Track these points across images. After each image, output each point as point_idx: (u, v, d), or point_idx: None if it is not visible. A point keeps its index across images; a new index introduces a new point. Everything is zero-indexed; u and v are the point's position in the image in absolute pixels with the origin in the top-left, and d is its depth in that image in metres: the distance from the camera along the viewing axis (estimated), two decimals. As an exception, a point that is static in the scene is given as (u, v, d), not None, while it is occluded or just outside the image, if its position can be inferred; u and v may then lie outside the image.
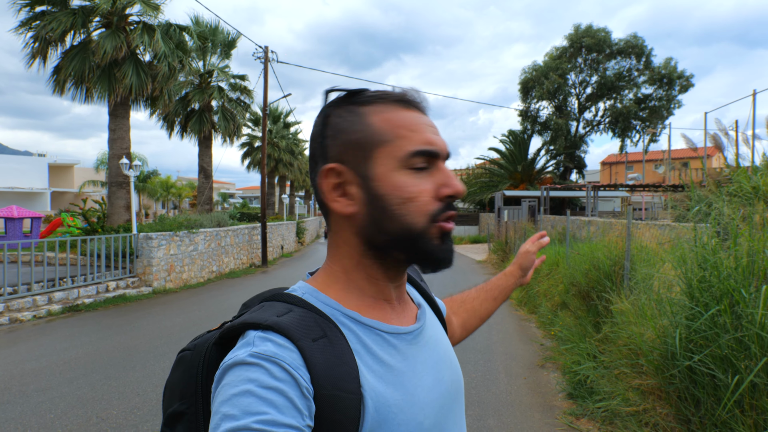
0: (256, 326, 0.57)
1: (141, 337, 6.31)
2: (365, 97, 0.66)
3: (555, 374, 4.79)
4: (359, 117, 0.65)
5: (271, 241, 17.61)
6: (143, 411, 3.94)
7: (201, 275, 11.90)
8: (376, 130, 0.64)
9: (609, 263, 5.16)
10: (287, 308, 0.61)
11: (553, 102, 28.56)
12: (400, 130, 0.63)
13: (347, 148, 0.64)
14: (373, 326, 0.64)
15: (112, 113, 12.31)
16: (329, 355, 0.57)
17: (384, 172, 0.63)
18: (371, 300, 0.67)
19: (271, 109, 28.79)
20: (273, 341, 0.55)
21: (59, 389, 4.42)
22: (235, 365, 0.53)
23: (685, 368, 2.59)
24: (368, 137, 0.64)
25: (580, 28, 27.44)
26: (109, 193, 12.52)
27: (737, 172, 4.30)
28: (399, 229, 0.63)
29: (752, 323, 2.27)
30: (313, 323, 0.59)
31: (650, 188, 19.20)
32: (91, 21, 12.00)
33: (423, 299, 0.80)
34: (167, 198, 34.98)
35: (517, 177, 27.69)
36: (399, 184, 0.62)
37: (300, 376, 0.53)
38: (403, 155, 0.62)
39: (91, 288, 8.86)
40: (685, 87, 26.59)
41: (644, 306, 3.44)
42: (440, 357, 0.70)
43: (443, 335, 0.76)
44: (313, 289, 0.66)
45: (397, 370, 0.62)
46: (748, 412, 2.22)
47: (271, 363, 0.53)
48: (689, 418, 2.60)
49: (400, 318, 0.69)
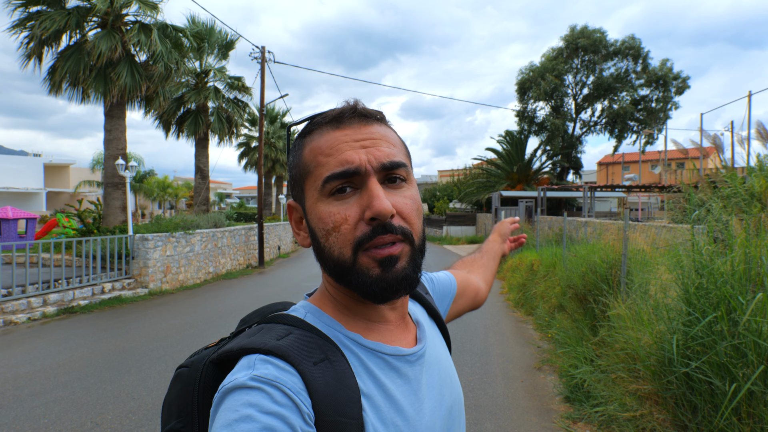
0: (256, 351, 0.56)
1: (137, 340, 6.28)
2: (307, 128, 0.65)
3: (552, 377, 4.79)
4: (299, 150, 0.65)
5: (268, 242, 17.57)
6: (138, 415, 3.91)
7: (197, 276, 11.86)
8: (304, 162, 0.63)
9: (605, 266, 5.16)
10: (287, 330, 0.60)
11: (550, 102, 28.61)
12: (318, 157, 0.61)
13: (293, 185, 0.66)
14: (375, 349, 0.62)
15: (108, 113, 12.26)
16: (330, 379, 0.56)
17: (311, 204, 0.62)
18: (370, 322, 0.65)
19: (268, 109, 28.74)
20: (274, 364, 0.54)
21: (53, 393, 4.38)
22: (236, 389, 0.52)
23: (682, 375, 2.59)
24: (300, 171, 0.64)
25: (576, 29, 27.49)
26: (105, 194, 12.47)
27: (731, 175, 4.31)
28: (332, 264, 0.60)
29: (749, 331, 2.27)
30: (314, 346, 0.58)
31: (646, 189, 19.25)
32: (86, 21, 11.94)
33: (427, 314, 0.79)
34: (164, 198, 34.86)
35: (514, 177, 27.71)
36: (321, 214, 0.60)
37: (301, 402, 0.52)
38: (320, 183, 0.60)
39: (86, 289, 8.81)
40: (682, 89, 26.67)
41: (641, 311, 3.44)
42: (442, 378, 0.69)
43: (444, 352, 0.75)
44: (315, 309, 0.65)
45: (399, 394, 0.61)
46: (746, 420, 2.22)
47: (272, 387, 0.51)
48: (686, 425, 2.60)
49: (401, 339, 0.67)
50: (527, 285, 8.66)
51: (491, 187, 27.81)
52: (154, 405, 4.11)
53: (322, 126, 0.63)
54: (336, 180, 0.59)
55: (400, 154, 0.63)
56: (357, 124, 0.62)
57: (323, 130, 0.63)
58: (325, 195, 0.60)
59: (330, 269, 0.62)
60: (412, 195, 0.63)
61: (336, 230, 0.59)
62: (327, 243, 0.60)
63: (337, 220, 0.59)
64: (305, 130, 0.65)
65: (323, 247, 0.61)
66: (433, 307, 0.81)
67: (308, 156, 0.63)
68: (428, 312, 0.80)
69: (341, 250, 0.59)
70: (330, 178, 0.59)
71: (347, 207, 0.59)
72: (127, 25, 12.30)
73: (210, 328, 6.98)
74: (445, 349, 0.76)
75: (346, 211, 0.59)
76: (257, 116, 25.93)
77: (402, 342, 0.67)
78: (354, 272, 0.59)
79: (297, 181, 0.65)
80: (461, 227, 27.97)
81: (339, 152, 0.60)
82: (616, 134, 28.17)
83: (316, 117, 0.66)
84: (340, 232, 0.59)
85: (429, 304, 0.81)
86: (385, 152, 0.61)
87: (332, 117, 0.63)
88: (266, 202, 27.78)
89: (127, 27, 12.20)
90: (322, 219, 0.60)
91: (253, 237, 15.79)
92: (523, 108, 29.09)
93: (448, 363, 0.74)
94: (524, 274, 9.32)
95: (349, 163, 0.59)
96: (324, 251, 0.61)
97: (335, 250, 0.59)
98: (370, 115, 0.64)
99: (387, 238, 0.58)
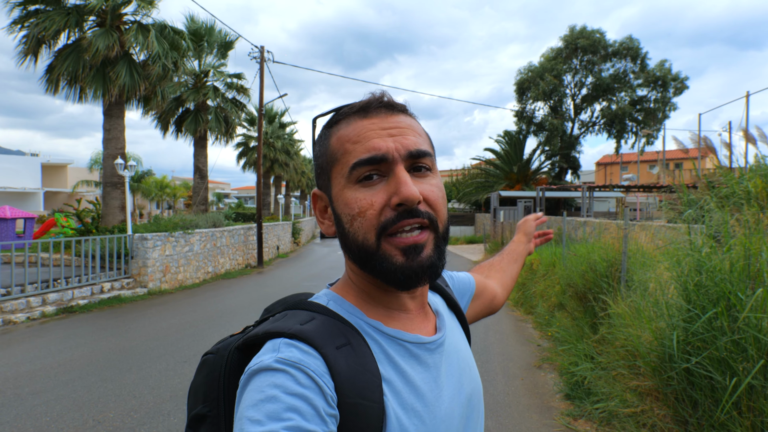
0: (280, 335, 0.58)
1: (136, 339, 6.27)
2: (333, 119, 0.67)
3: (552, 375, 4.81)
4: (326, 140, 0.66)
5: (267, 242, 17.57)
6: (140, 413, 3.92)
7: (196, 276, 11.85)
8: (331, 150, 0.64)
9: (605, 265, 5.18)
10: (310, 316, 0.61)
11: (549, 103, 28.67)
12: (345, 145, 0.62)
13: (319, 173, 0.67)
14: (396, 336, 0.63)
15: (107, 113, 12.24)
16: (353, 363, 0.57)
17: (338, 191, 0.63)
18: (390, 310, 0.66)
19: (267, 109, 28.72)
20: (298, 348, 0.55)
21: (54, 392, 4.38)
22: (261, 371, 0.53)
23: (683, 370, 2.61)
24: (327, 160, 0.65)
25: (575, 30, 27.56)
26: (104, 194, 12.45)
27: (727, 176, 4.34)
28: (357, 249, 0.61)
29: (749, 326, 2.29)
30: (336, 331, 0.59)
31: (645, 189, 19.31)
32: (85, 20, 11.92)
33: (447, 306, 0.80)
34: (162, 198, 34.81)
35: (513, 177, 27.76)
36: (347, 200, 0.61)
37: (324, 384, 0.53)
38: (348, 170, 0.61)
39: (85, 289, 8.80)
40: (680, 89, 26.75)
41: (641, 308, 3.46)
42: (461, 367, 0.70)
43: (464, 343, 0.76)
44: (337, 297, 0.67)
45: (419, 380, 0.62)
46: (746, 413, 2.24)
47: (296, 369, 0.53)
48: (687, 420, 2.62)
49: (420, 328, 0.68)
50: (527, 284, 8.68)
51: (490, 187, 27.85)
52: (156, 403, 4.12)
53: (349, 116, 0.64)
54: (363, 166, 0.60)
55: (425, 144, 0.64)
56: (384, 113, 0.64)
57: (350, 119, 0.64)
58: (352, 181, 0.61)
59: (354, 255, 0.62)
60: (437, 183, 0.64)
61: (361, 215, 0.60)
62: (352, 228, 0.61)
63: (363, 205, 0.60)
64: (332, 121, 0.67)
65: (348, 232, 0.61)
66: (453, 299, 0.82)
67: (335, 144, 0.64)
68: (448, 303, 0.81)
69: (365, 235, 0.60)
70: (357, 164, 0.60)
71: (374, 193, 0.60)
72: (125, 24, 12.29)
73: (210, 327, 6.98)
74: (464, 340, 0.77)
75: (372, 197, 0.60)
76: (255, 116, 25.94)
77: (422, 330, 0.68)
78: (377, 258, 0.60)
79: (323, 170, 0.66)
80: (460, 227, 28.00)
81: (366, 139, 0.61)
82: (614, 134, 28.25)
83: (342, 108, 0.67)
84: (366, 217, 0.59)
85: (449, 296, 0.82)
86: (412, 141, 0.62)
87: (359, 107, 0.65)
88: (265, 202, 27.75)
89: (126, 26, 12.19)
90: (348, 204, 0.61)
91: (252, 237, 15.78)
92: (522, 108, 29.14)
93: (467, 353, 0.75)
94: (523, 274, 9.34)
95: (376, 150, 0.60)
96: (348, 237, 0.62)
97: (360, 235, 0.60)
98: (396, 105, 0.66)
99: (412, 221, 0.59)
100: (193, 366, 5.12)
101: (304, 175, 39.68)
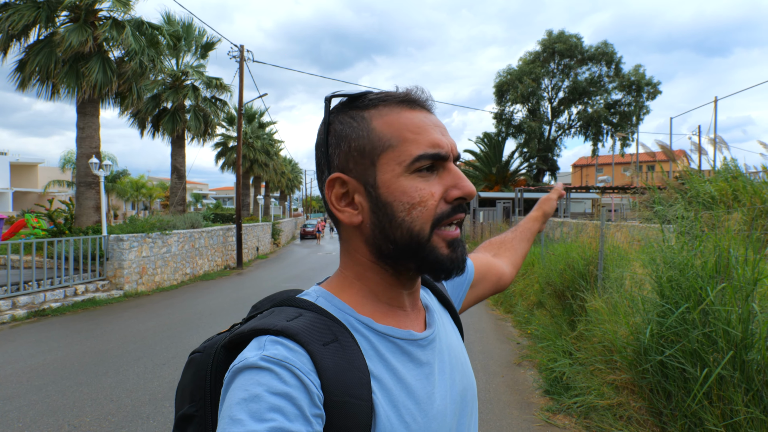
0: (266, 332, 0.56)
1: (113, 342, 6.13)
2: (368, 101, 0.64)
3: (532, 372, 4.90)
4: (362, 122, 0.63)
5: (247, 243, 17.37)
6: (118, 417, 3.84)
7: (174, 278, 11.64)
8: (379, 135, 0.62)
9: (583, 263, 5.31)
10: (297, 312, 0.60)
11: (527, 105, 29.18)
12: (404, 133, 0.61)
13: (351, 156, 0.63)
14: (386, 333, 0.62)
15: (81, 111, 11.92)
16: (340, 360, 0.56)
17: (390, 178, 0.61)
18: (385, 306, 0.66)
19: (246, 108, 28.40)
20: (284, 345, 0.54)
21: (27, 397, 4.25)
22: (246, 368, 0.52)
23: (657, 363, 2.70)
24: (372, 143, 0.62)
25: (553, 34, 28.12)
26: (78, 194, 12.11)
27: (692, 180, 4.52)
28: (406, 238, 0.61)
29: (719, 319, 2.39)
30: (324, 327, 0.58)
31: (619, 190, 19.80)
32: (57, 15, 11.59)
33: (437, 301, 0.79)
34: (137, 199, 34.04)
35: (492, 179, 28.12)
36: (406, 189, 0.60)
37: (311, 382, 0.52)
38: (409, 159, 0.60)
39: (58, 292, 8.55)
40: (653, 94, 27.57)
41: (617, 304, 3.56)
42: (453, 364, 0.70)
43: (456, 339, 0.75)
44: (327, 293, 0.66)
45: (411, 377, 0.61)
46: (716, 402, 2.34)
47: (281, 367, 0.52)
48: (661, 411, 2.71)
49: (413, 324, 0.67)
50: (506, 283, 8.81)
51: (469, 188, 28.09)
52: (134, 407, 4.04)
53: (392, 103, 0.63)
54: (427, 159, 0.61)
55: None
56: (425, 110, 0.65)
57: (395, 107, 0.63)
58: (410, 171, 0.61)
59: (400, 245, 0.62)
60: None
61: (422, 204, 0.60)
62: (409, 216, 0.60)
63: (425, 195, 0.60)
64: (363, 104, 0.64)
65: (402, 221, 0.61)
66: (445, 296, 0.82)
67: (387, 129, 0.62)
68: (438, 298, 0.80)
69: (423, 225, 0.60)
70: (423, 156, 0.60)
71: (431, 185, 0.61)
72: (100, 20, 11.99)
73: (189, 329, 6.87)
74: (457, 336, 0.77)
75: (431, 187, 0.61)
76: (235, 116, 25.60)
77: (413, 327, 0.67)
78: (428, 248, 0.61)
79: (363, 154, 0.62)
80: (440, 228, 28.13)
81: (427, 133, 0.62)
82: (590, 137, 28.90)
83: (375, 93, 0.65)
84: (426, 207, 0.60)
85: (440, 292, 0.81)
86: (454, 142, 0.65)
87: (404, 97, 0.64)
88: (244, 203, 27.39)
89: (101, 22, 11.90)
90: (407, 193, 0.60)
91: (231, 238, 15.58)
92: (501, 110, 29.57)
93: (460, 349, 0.74)
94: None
95: (440, 146, 0.61)
96: (401, 225, 0.61)
97: (417, 224, 0.60)
98: (432, 106, 0.67)
99: (462, 216, 0.63)
100: (172, 368, 5.03)
101: (284, 175, 39.34)
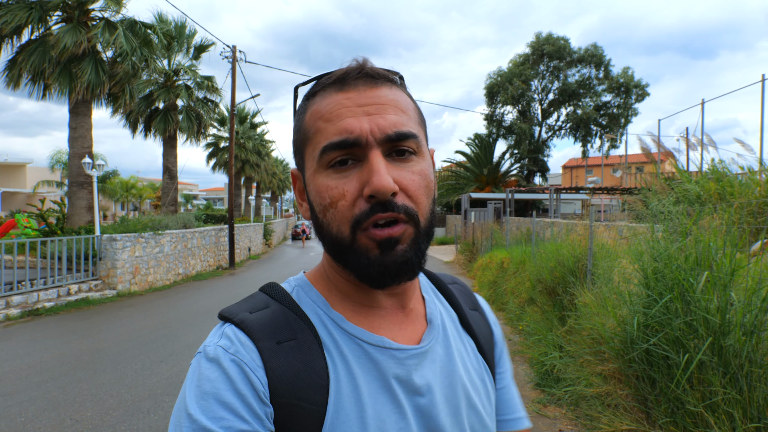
0: (228, 320, 0.56)
1: (109, 340, 6.16)
2: (312, 90, 0.59)
3: (523, 366, 5.03)
4: (302, 114, 0.59)
5: (239, 243, 17.38)
6: (119, 411, 3.90)
7: (167, 277, 11.64)
8: (305, 127, 0.57)
9: (573, 260, 5.47)
10: (265, 303, 0.58)
11: (518, 107, 29.48)
12: (318, 123, 0.55)
13: (295, 151, 0.61)
14: (354, 335, 0.56)
15: (73, 111, 11.89)
16: (294, 360, 0.52)
17: (309, 176, 0.56)
18: (358, 306, 0.59)
19: (239, 109, 28.37)
20: (237, 337, 0.53)
21: (27, 393, 4.29)
22: (202, 357, 0.53)
23: (643, 352, 2.85)
24: (300, 137, 0.58)
25: (541, 36, 28.46)
26: (70, 194, 12.06)
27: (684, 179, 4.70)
28: (331, 241, 0.55)
29: (699, 308, 2.54)
30: (284, 323, 0.55)
31: (608, 191, 20.11)
32: (50, 15, 11.55)
33: (460, 325, 0.68)
34: (127, 199, 33.79)
35: (483, 180, 28.36)
36: (319, 188, 0.54)
37: (257, 378, 0.50)
38: (318, 153, 0.54)
39: (51, 291, 8.54)
40: (642, 96, 28.00)
41: (606, 298, 3.71)
42: (453, 404, 0.59)
43: (471, 381, 0.63)
44: (306, 283, 0.62)
45: (367, 390, 0.54)
46: (696, 386, 2.48)
47: (231, 361, 0.51)
48: (646, 397, 2.86)
49: (392, 330, 0.59)
50: (498, 282, 8.95)
51: (460, 189, 28.34)
52: (134, 401, 4.10)
53: (326, 87, 0.56)
54: (334, 151, 0.53)
55: (410, 123, 0.55)
56: (363, 86, 0.55)
57: (327, 92, 0.56)
58: (323, 166, 0.54)
59: (328, 246, 0.56)
60: (421, 170, 0.55)
61: (333, 206, 0.53)
62: (325, 219, 0.54)
63: (335, 195, 0.53)
64: (310, 92, 0.59)
65: (321, 222, 0.55)
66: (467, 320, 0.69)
67: (309, 120, 0.56)
68: (462, 324, 0.68)
69: (339, 228, 0.53)
70: (327, 148, 0.53)
71: (346, 181, 0.53)
72: (93, 20, 11.97)
73: (184, 327, 6.91)
74: (476, 376, 0.64)
75: (344, 185, 0.52)
76: (226, 116, 25.56)
77: (396, 334, 0.59)
78: (353, 251, 0.53)
79: (298, 148, 0.59)
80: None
81: (339, 118, 0.53)
82: (580, 138, 29.29)
83: (321, 77, 0.58)
84: (338, 209, 0.53)
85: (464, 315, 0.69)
86: (391, 121, 0.53)
87: (337, 77, 0.56)
88: (235, 203, 27.36)
89: (93, 23, 11.87)
90: (320, 193, 0.54)
91: (223, 238, 15.59)
92: (492, 112, 29.84)
93: (474, 392, 0.62)
94: (495, 272, 9.63)
95: (348, 132, 0.52)
96: (322, 227, 0.55)
97: (333, 227, 0.54)
98: (378, 75, 0.56)
99: (385, 215, 0.51)
100: (170, 365, 5.09)
101: (276, 176, 39.29)
